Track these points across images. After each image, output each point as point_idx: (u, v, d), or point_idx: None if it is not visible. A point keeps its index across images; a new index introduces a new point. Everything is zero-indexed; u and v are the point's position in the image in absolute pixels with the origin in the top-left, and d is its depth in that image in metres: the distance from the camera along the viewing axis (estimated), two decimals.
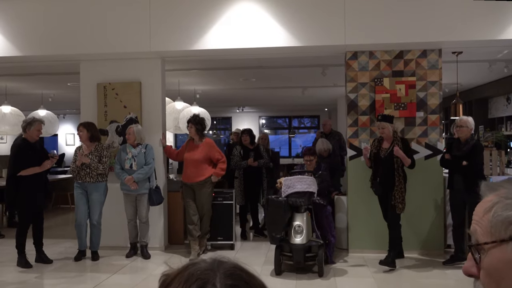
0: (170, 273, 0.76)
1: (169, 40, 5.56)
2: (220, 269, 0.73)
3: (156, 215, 5.88)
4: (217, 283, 0.71)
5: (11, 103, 9.05)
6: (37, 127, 5.29)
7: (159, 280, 0.76)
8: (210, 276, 0.72)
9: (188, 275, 0.73)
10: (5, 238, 6.89)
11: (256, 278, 0.76)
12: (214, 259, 0.76)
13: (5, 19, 5.75)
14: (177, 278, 0.73)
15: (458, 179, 5.00)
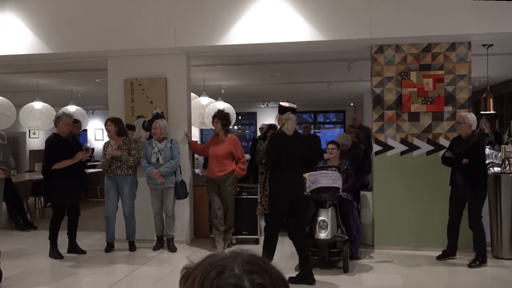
0: (190, 266, 0.80)
1: (194, 36, 5.61)
2: (238, 257, 0.78)
3: (182, 209, 5.97)
4: (236, 268, 0.75)
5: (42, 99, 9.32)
6: (66, 121, 5.44)
7: (181, 272, 0.80)
8: (229, 262, 0.76)
9: (208, 264, 0.77)
10: (38, 230, 7.13)
11: (273, 266, 0.79)
12: (233, 251, 0.81)
13: (36, 18, 5.92)
14: (197, 268, 0.77)
15: (459, 176, 4.92)
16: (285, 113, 4.43)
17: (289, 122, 4.40)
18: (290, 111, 4.45)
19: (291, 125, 4.40)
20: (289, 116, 4.42)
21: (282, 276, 0.79)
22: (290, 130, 4.40)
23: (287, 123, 4.40)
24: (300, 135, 4.51)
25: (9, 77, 9.03)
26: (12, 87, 10.14)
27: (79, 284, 4.64)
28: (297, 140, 4.45)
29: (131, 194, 5.62)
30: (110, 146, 5.54)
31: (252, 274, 0.74)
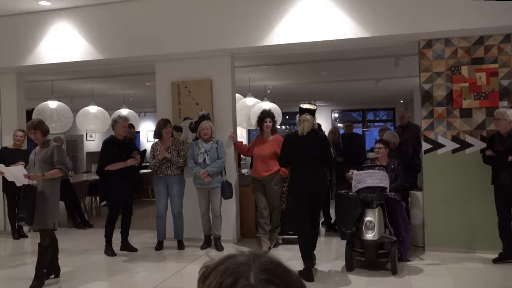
0: (209, 264, 0.78)
1: (237, 37, 5.67)
2: (255, 263, 0.74)
3: (229, 209, 6.05)
4: (251, 277, 0.71)
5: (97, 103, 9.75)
6: (122, 124, 5.69)
7: (199, 271, 0.79)
8: (244, 270, 0.73)
9: (224, 269, 0.74)
10: (94, 228, 7.48)
11: (292, 274, 0.76)
12: (251, 253, 0.77)
13: (88, 26, 6.21)
14: (214, 271, 0.75)
15: (505, 174, 4.66)
16: (303, 114, 4.64)
17: (305, 123, 4.62)
18: (308, 112, 4.65)
19: (306, 126, 4.60)
20: (305, 117, 4.63)
21: (301, 284, 0.76)
22: (305, 130, 4.60)
23: (303, 124, 4.63)
24: (315, 135, 4.69)
25: (66, 83, 9.53)
26: (69, 92, 10.70)
27: (131, 280, 4.81)
28: (310, 140, 4.62)
29: (180, 194, 5.78)
30: (160, 148, 5.70)
31: (268, 283, 0.71)
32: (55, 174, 4.43)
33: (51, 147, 4.49)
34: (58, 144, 4.65)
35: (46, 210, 4.40)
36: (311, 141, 4.63)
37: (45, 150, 4.49)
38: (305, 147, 4.62)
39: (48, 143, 4.55)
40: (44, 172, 4.40)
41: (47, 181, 4.43)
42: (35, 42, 6.47)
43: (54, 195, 4.49)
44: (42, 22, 6.42)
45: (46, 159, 4.43)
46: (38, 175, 4.39)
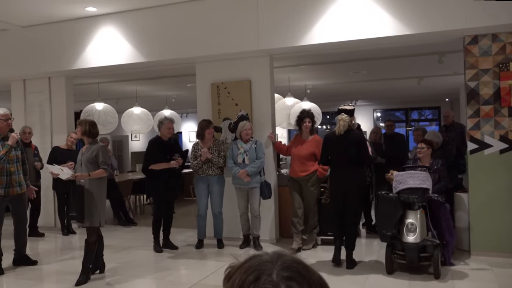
0: (234, 265, 0.81)
1: (276, 38, 5.68)
2: (278, 261, 0.76)
3: (267, 209, 6.07)
4: (273, 274, 0.73)
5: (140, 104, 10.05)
6: (167, 125, 5.85)
7: (225, 271, 0.82)
8: (267, 267, 0.75)
9: (247, 267, 0.77)
10: (137, 226, 7.71)
11: (314, 272, 0.77)
12: (275, 252, 0.79)
13: (132, 30, 6.42)
14: (239, 270, 0.78)
15: None
16: (340, 115, 4.90)
17: (341, 122, 4.85)
18: (344, 113, 4.88)
19: (342, 125, 4.83)
20: (341, 117, 4.87)
21: (323, 283, 0.77)
22: (341, 130, 4.83)
23: (339, 124, 4.87)
24: (352, 134, 4.89)
25: (112, 85, 9.88)
26: (115, 94, 11.09)
27: (172, 277, 4.93)
28: (347, 140, 4.84)
29: (220, 193, 5.87)
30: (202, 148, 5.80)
31: (290, 281, 0.73)
32: (100, 174, 4.62)
33: (96, 148, 4.68)
34: (103, 145, 4.83)
35: (92, 209, 4.59)
36: (348, 141, 4.84)
37: (90, 150, 4.68)
38: (342, 146, 4.85)
39: (94, 144, 4.75)
40: (90, 172, 4.59)
41: (93, 181, 4.62)
42: (82, 46, 6.76)
43: (100, 194, 4.67)
44: (88, 28, 6.69)
45: (91, 159, 4.63)
46: (84, 175, 4.59)
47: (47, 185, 7.27)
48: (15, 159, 5.07)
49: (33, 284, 4.81)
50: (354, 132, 4.97)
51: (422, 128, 6.66)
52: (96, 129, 4.80)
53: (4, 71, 7.39)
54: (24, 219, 5.35)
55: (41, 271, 5.22)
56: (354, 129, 5.01)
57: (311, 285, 0.74)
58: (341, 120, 4.84)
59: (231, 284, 0.77)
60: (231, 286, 0.77)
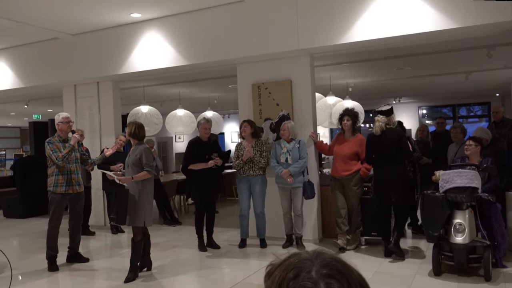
0: (275, 263, 0.82)
1: (316, 36, 5.65)
2: (317, 259, 0.77)
3: (310, 209, 6.05)
4: (313, 271, 0.75)
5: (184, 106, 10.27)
6: (203, 126, 5.97)
7: (266, 269, 0.83)
8: (306, 265, 0.76)
9: (287, 264, 0.78)
10: (182, 225, 7.90)
11: (353, 270, 0.78)
12: (314, 251, 0.80)
13: (174, 34, 6.58)
14: (279, 267, 0.79)
15: None
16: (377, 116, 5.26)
17: (377, 123, 5.21)
18: (380, 113, 5.23)
19: (378, 126, 5.19)
20: (377, 118, 5.24)
21: (362, 281, 0.78)
22: (378, 130, 5.18)
23: (375, 125, 5.23)
24: (388, 133, 5.16)
25: (156, 88, 10.17)
26: (159, 97, 11.40)
27: (215, 276, 5.02)
28: (385, 139, 5.14)
29: (262, 193, 5.90)
30: (246, 147, 5.86)
31: (329, 278, 0.74)
32: (143, 176, 4.78)
33: (140, 150, 4.85)
34: (146, 147, 4.98)
35: (137, 209, 4.76)
36: (387, 140, 5.12)
37: (135, 152, 4.86)
38: (381, 145, 5.15)
39: (139, 146, 4.91)
40: (134, 174, 4.76)
41: (137, 183, 4.79)
42: (128, 52, 7.00)
43: (144, 195, 4.83)
44: (133, 33, 6.92)
45: (136, 161, 4.80)
46: (127, 179, 4.77)
47: (97, 186, 7.59)
48: (74, 160, 5.35)
49: (86, 280, 5.03)
50: (392, 131, 5.21)
51: (460, 126, 6.39)
52: (142, 132, 4.97)
53: (56, 77, 7.78)
54: (80, 218, 5.62)
55: (92, 268, 5.46)
56: (394, 127, 5.23)
57: (350, 283, 0.75)
58: (377, 121, 5.20)
59: (271, 281, 0.78)
60: (271, 283, 0.78)
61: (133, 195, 4.77)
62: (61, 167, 5.23)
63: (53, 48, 7.70)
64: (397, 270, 4.83)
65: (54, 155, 5.19)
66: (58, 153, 5.19)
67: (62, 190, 5.25)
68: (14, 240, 7.40)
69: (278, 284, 0.76)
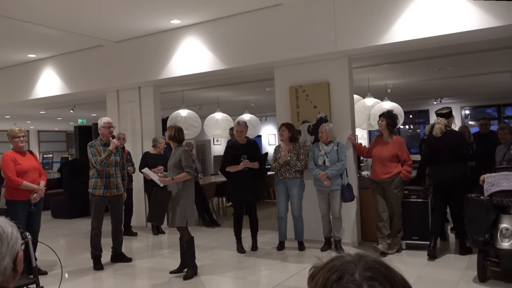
0: (318, 265, 0.83)
1: (354, 38, 5.61)
2: (361, 262, 0.78)
3: (349, 212, 6.00)
4: (356, 274, 0.76)
5: (222, 109, 10.42)
6: (235, 128, 6.11)
7: (309, 271, 0.85)
8: (350, 267, 0.77)
9: (330, 266, 0.79)
10: (221, 227, 7.99)
11: (397, 274, 0.78)
12: (357, 254, 0.81)
13: (213, 39, 6.70)
14: (322, 269, 0.81)
15: None
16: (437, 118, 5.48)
17: (437, 126, 5.41)
18: (439, 115, 5.44)
19: (438, 128, 5.39)
20: (438, 120, 5.44)
21: (406, 284, 0.78)
22: (438, 132, 5.38)
23: (435, 127, 5.44)
24: (448, 135, 5.36)
25: (195, 92, 10.36)
26: (197, 101, 11.60)
27: (254, 278, 5.06)
28: (445, 140, 5.35)
29: (299, 196, 5.90)
30: (282, 150, 5.89)
31: (372, 281, 0.74)
32: (183, 178, 4.91)
33: (179, 153, 5.01)
34: (185, 149, 5.12)
35: (179, 210, 4.89)
36: (447, 141, 5.32)
37: (175, 155, 5.00)
38: (442, 147, 5.34)
39: (178, 149, 5.05)
40: (175, 176, 4.89)
41: (178, 184, 4.93)
42: (168, 57, 7.18)
43: (185, 196, 4.96)
44: (173, 39, 7.09)
45: (176, 164, 4.95)
46: (168, 180, 4.91)
47: (139, 188, 7.82)
48: (113, 163, 5.54)
49: (129, 279, 5.20)
50: (452, 132, 5.43)
51: (508, 126, 6.14)
52: (182, 135, 5.10)
53: (100, 83, 8.08)
54: (120, 219, 5.80)
55: (135, 268, 5.63)
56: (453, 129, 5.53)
57: (393, 286, 0.75)
58: (437, 123, 5.41)
59: (314, 283, 0.80)
60: (315, 285, 0.80)
61: (175, 196, 4.90)
62: (100, 170, 5.43)
63: (97, 55, 7.99)
64: (440, 275, 4.71)
65: (93, 158, 5.40)
66: (97, 157, 5.39)
67: (101, 192, 5.45)
68: (61, 240, 7.73)
69: (322, 286, 0.77)
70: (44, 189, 5.28)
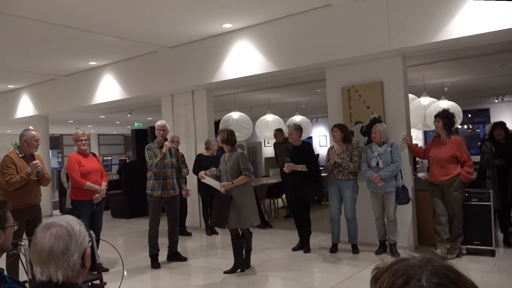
0: (381, 267, 0.81)
1: (408, 36, 5.45)
2: (427, 266, 0.75)
3: (405, 214, 5.83)
4: (423, 279, 0.72)
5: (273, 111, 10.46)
6: (287, 131, 6.15)
7: (372, 272, 0.83)
8: (416, 272, 0.74)
9: (395, 270, 0.77)
10: (273, 228, 8.02)
11: (466, 279, 0.75)
12: (423, 257, 0.78)
13: (264, 41, 6.75)
14: (386, 272, 0.78)
15: None
16: None
17: (496, 130, 5.69)
18: None
19: (497, 133, 5.70)
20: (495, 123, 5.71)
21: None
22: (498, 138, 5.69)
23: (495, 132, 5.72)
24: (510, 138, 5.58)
25: (246, 95, 10.47)
26: (249, 103, 11.72)
27: (307, 280, 5.04)
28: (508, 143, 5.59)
29: (352, 198, 5.81)
30: (333, 151, 5.85)
31: (440, 287, 0.71)
32: (242, 181, 5.04)
33: (236, 156, 5.11)
34: (241, 152, 5.21)
35: (241, 212, 5.02)
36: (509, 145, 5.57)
37: (232, 159, 5.11)
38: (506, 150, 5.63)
39: (233, 151, 5.13)
40: (233, 179, 5.02)
41: (238, 187, 5.05)
42: (220, 61, 7.32)
43: (247, 197, 5.11)
44: (225, 43, 7.22)
45: (234, 167, 5.06)
46: (228, 184, 5.03)
47: (193, 190, 8.00)
48: (170, 165, 5.72)
49: (185, 278, 5.34)
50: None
51: None
52: (234, 137, 5.20)
53: (156, 88, 8.36)
54: (176, 219, 5.98)
55: (190, 267, 5.77)
56: None
57: None
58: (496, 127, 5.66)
59: (379, 286, 0.78)
60: None
61: (236, 199, 5.03)
62: (157, 172, 5.61)
63: (153, 61, 8.28)
64: (505, 283, 4.47)
65: (150, 161, 5.61)
66: (153, 160, 5.59)
67: (158, 193, 5.64)
68: (120, 239, 8.06)
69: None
70: (105, 190, 5.55)
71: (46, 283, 1.44)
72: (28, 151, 4.92)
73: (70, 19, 6.05)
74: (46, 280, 1.43)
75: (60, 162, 20.90)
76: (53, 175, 13.77)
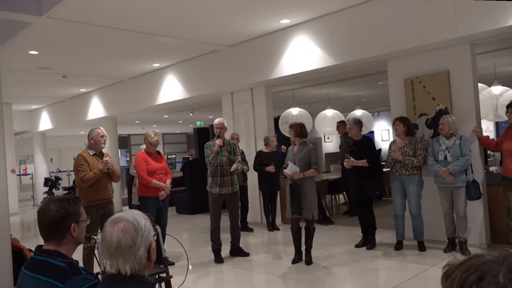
0: (453, 263, 0.79)
1: (477, 21, 5.13)
2: (504, 263, 0.72)
3: (475, 210, 5.53)
4: (500, 276, 0.69)
5: (332, 106, 10.31)
6: (347, 125, 6.06)
7: (443, 269, 0.80)
8: (492, 268, 0.71)
9: (469, 265, 0.74)
10: (334, 225, 7.92)
11: None
12: (500, 253, 0.75)
13: (322, 35, 6.65)
14: (459, 268, 0.76)
15: None
16: None
17: None
18: None
19: None
20: None
21: None
22: None
23: None
24: None
25: (305, 90, 10.40)
26: (308, 98, 11.63)
27: (371, 277, 4.92)
28: None
29: (416, 194, 5.59)
30: (394, 146, 5.67)
31: None
32: (311, 173, 5.28)
33: (307, 149, 5.33)
34: (313, 147, 5.37)
35: (306, 204, 5.21)
36: None
37: (302, 152, 5.32)
38: None
39: (304, 145, 5.34)
40: (302, 171, 5.23)
41: (306, 179, 5.25)
42: (278, 57, 7.31)
43: (311, 191, 5.29)
44: (282, 39, 7.20)
45: (304, 159, 5.28)
46: (299, 175, 5.21)
47: (253, 186, 8.09)
48: (227, 162, 5.81)
49: (248, 273, 5.42)
50: None
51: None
52: (305, 129, 5.49)
53: (216, 87, 8.53)
54: (236, 215, 6.07)
55: (252, 262, 5.84)
56: None
57: None
58: None
59: (450, 282, 0.75)
60: (451, 284, 0.75)
61: (303, 191, 5.22)
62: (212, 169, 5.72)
63: (212, 60, 8.45)
64: None
65: (206, 160, 5.73)
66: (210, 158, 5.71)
67: (216, 191, 5.75)
68: (185, 234, 8.33)
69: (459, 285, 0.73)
70: (170, 187, 5.75)
71: (115, 275, 1.51)
72: (97, 148, 5.21)
73: (136, 24, 6.32)
74: (115, 273, 1.51)
75: (128, 161, 21.97)
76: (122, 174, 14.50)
